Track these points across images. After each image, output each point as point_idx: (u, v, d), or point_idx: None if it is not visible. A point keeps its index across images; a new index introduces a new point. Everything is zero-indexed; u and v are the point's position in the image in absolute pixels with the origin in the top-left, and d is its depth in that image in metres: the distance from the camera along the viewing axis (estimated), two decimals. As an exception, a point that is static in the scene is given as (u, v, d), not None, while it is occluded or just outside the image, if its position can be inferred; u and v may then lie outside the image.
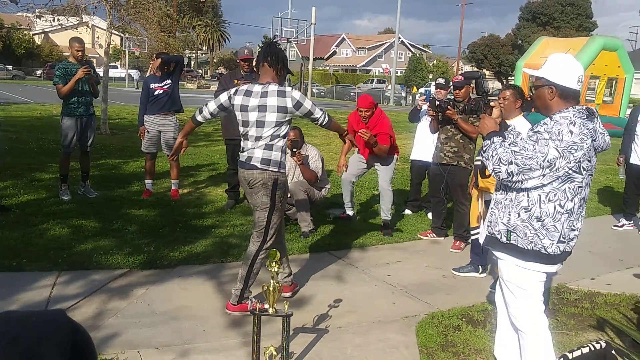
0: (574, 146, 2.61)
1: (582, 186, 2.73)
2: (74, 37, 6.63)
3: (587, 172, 2.72)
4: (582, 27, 60.10)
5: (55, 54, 50.20)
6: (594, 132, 2.68)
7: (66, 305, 3.96)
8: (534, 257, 2.78)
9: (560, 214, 2.71)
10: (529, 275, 2.85)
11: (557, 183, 2.68)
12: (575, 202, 2.73)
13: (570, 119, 2.66)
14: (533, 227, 2.74)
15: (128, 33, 23.11)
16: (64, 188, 6.73)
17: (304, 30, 41.99)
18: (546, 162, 2.61)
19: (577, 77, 2.77)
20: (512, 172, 2.66)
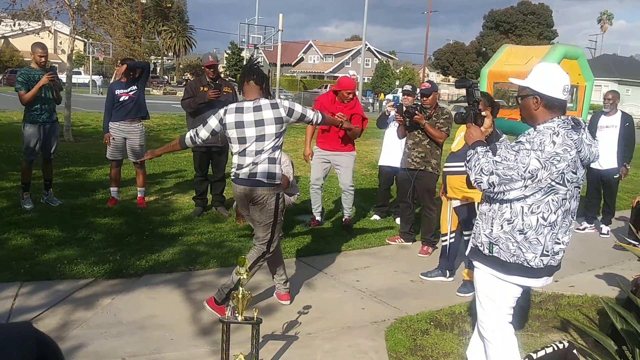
0: (557, 157, 2.55)
1: (567, 198, 2.66)
2: (36, 43, 6.50)
3: (572, 184, 2.65)
4: (543, 35, 61.67)
5: (16, 59, 49.01)
6: (579, 143, 2.60)
7: (29, 317, 3.86)
8: (517, 271, 2.73)
9: (543, 226, 2.66)
10: (507, 288, 2.80)
11: (540, 195, 2.63)
12: (559, 214, 2.67)
13: (554, 129, 2.60)
14: (515, 239, 2.70)
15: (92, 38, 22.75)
16: (26, 197, 6.57)
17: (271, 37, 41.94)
18: (527, 173, 2.56)
19: (562, 87, 2.71)
20: (494, 183, 2.62)
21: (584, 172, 2.75)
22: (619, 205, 7.99)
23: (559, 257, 2.76)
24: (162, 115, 20.60)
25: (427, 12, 53.63)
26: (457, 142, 4.92)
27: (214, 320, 3.90)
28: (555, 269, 2.79)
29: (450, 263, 5.12)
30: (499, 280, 2.78)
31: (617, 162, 7.06)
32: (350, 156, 6.50)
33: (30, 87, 6.23)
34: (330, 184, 7.35)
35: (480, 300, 2.91)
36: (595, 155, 2.71)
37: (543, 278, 2.76)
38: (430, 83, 6.10)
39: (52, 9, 12.93)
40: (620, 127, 7.05)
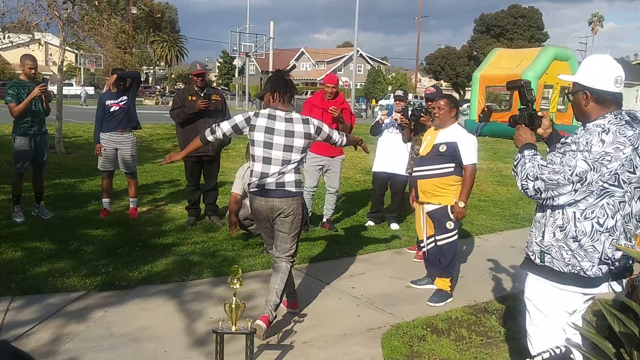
0: (607, 157, 2.36)
1: (625, 201, 2.46)
2: (25, 55, 6.46)
3: (630, 184, 2.44)
4: (534, 38, 62.04)
5: (7, 72, 48.88)
6: (634, 139, 2.40)
7: (20, 332, 3.81)
8: (573, 281, 2.56)
9: (599, 232, 2.46)
10: (560, 298, 2.62)
11: (593, 198, 2.44)
12: (618, 219, 2.47)
13: (603, 127, 2.41)
14: (569, 247, 2.52)
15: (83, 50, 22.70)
16: (17, 210, 6.52)
17: (263, 45, 42.06)
18: (575, 176, 2.38)
19: (614, 78, 2.50)
20: (540, 189, 2.45)
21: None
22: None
23: (620, 264, 2.55)
24: (154, 125, 20.55)
25: (418, 18, 53.91)
26: (425, 146, 4.91)
27: (208, 331, 3.86)
28: (620, 275, 2.61)
29: (437, 270, 5.07)
30: (553, 289, 2.62)
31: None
32: (341, 160, 6.78)
33: (21, 99, 6.19)
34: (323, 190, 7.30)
35: (530, 313, 2.77)
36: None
37: (599, 287, 2.60)
38: (435, 88, 6.20)
39: (42, 21, 12.89)
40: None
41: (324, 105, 6.40)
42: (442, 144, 4.68)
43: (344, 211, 7.92)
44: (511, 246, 6.68)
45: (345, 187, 9.74)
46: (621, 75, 2.51)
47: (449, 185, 4.68)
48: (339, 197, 7.50)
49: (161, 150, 13.92)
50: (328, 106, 6.27)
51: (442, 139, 4.71)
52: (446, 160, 4.66)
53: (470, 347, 3.88)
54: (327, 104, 6.37)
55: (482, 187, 10.65)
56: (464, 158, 4.61)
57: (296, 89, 4.14)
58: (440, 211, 4.71)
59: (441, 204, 4.68)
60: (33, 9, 12.39)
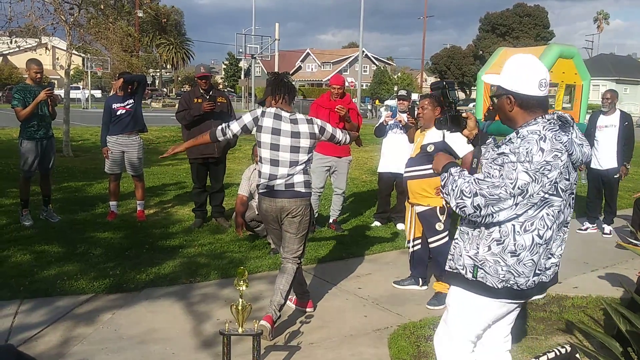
0: (547, 166, 2.20)
1: (561, 209, 2.33)
2: (31, 59, 6.51)
3: (566, 192, 2.32)
4: (540, 36, 61.81)
5: (15, 77, 49.14)
6: (569, 145, 2.26)
7: (29, 335, 3.83)
8: (506, 295, 2.38)
9: (538, 245, 2.32)
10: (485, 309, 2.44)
11: (533, 210, 2.27)
12: (554, 228, 2.34)
13: (539, 134, 2.24)
14: (506, 262, 2.32)
15: (89, 53, 22.82)
16: (25, 213, 6.56)
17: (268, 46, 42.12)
18: (517, 190, 2.20)
19: (538, 82, 2.35)
20: (479, 205, 2.24)
21: (577, 175, 2.40)
22: (620, 204, 7.95)
23: (550, 272, 2.44)
24: (161, 127, 20.64)
25: (423, 18, 53.84)
26: (414, 146, 4.89)
27: (215, 332, 3.87)
28: (548, 285, 2.47)
29: (421, 271, 5.05)
30: (480, 301, 2.42)
31: (617, 162, 7.04)
32: (348, 161, 6.82)
33: (27, 103, 6.23)
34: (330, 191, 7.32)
35: (448, 318, 2.59)
36: (587, 155, 2.36)
37: (531, 297, 2.48)
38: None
39: (49, 25, 12.97)
40: (620, 126, 7.03)
41: (330, 106, 6.45)
42: (430, 144, 4.64)
43: (350, 212, 7.93)
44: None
45: (352, 187, 9.74)
46: (545, 78, 2.37)
47: (437, 186, 4.63)
48: (345, 197, 7.50)
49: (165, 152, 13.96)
50: (335, 106, 6.31)
51: (429, 139, 4.67)
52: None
53: (477, 346, 3.86)
54: (334, 104, 6.40)
55: (489, 186, 10.61)
56: (458, 152, 4.56)
57: (296, 90, 4.14)
58: (428, 212, 4.67)
59: (430, 205, 4.65)
60: (40, 13, 12.52)
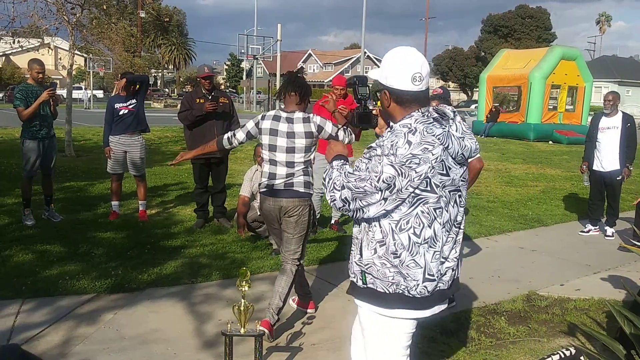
0: (414, 159, 2.08)
1: (442, 207, 2.18)
2: (33, 59, 6.51)
3: (444, 188, 2.17)
4: (542, 38, 61.79)
5: (17, 77, 49.28)
6: (444, 138, 2.13)
7: (31, 334, 3.83)
8: (399, 302, 2.21)
9: (417, 244, 2.16)
10: (394, 325, 2.28)
11: (406, 207, 2.14)
12: (436, 227, 2.18)
13: (410, 127, 2.14)
14: (392, 264, 2.18)
15: (92, 53, 22.85)
16: (27, 213, 6.56)
17: (270, 47, 42.15)
18: (382, 183, 2.09)
19: (411, 76, 2.20)
20: (347, 198, 2.15)
21: (465, 170, 2.26)
22: (622, 207, 7.94)
23: (447, 279, 2.27)
24: (163, 128, 20.65)
25: (425, 19, 53.80)
26: None
27: (217, 333, 3.87)
28: (448, 293, 2.31)
29: None
30: (382, 317, 2.27)
31: (619, 164, 7.02)
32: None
33: (29, 103, 6.24)
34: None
35: (369, 341, 2.40)
36: (469, 148, 2.24)
37: (433, 307, 2.27)
38: (442, 89, 6.16)
39: (51, 26, 12.99)
40: (622, 128, 7.01)
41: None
42: None
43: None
44: (520, 247, 6.66)
45: (353, 188, 9.72)
46: (420, 72, 2.21)
47: None
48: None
49: (170, 153, 13.98)
50: (337, 106, 6.30)
51: None
52: None
53: (479, 348, 3.86)
54: (337, 105, 6.38)
55: (491, 187, 10.62)
56: None
57: (309, 87, 4.11)
58: None
59: None
60: (42, 13, 12.50)
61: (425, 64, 2.23)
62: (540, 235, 7.35)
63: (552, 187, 11.08)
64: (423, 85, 2.22)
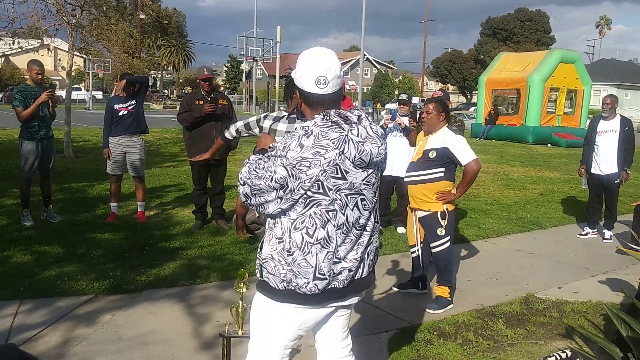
0: (304, 162, 2.11)
1: (336, 209, 2.18)
2: (32, 60, 6.52)
3: (338, 191, 2.17)
4: (541, 41, 61.92)
5: (17, 77, 49.22)
6: (340, 142, 2.14)
7: (29, 335, 3.84)
8: (290, 298, 2.25)
9: (309, 244, 2.19)
10: (278, 318, 2.32)
11: (301, 208, 2.18)
12: (330, 229, 2.19)
13: (307, 130, 2.17)
14: (286, 261, 2.22)
15: (91, 55, 22.85)
16: (25, 214, 6.56)
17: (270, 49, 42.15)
18: (274, 183, 2.13)
19: (314, 79, 2.23)
20: (247, 194, 2.22)
21: (370, 174, 2.27)
22: (621, 210, 7.96)
23: (343, 278, 2.27)
24: (162, 129, 20.66)
25: (425, 21, 53.90)
26: (416, 151, 4.89)
27: (215, 334, 3.87)
28: (344, 292, 2.31)
29: (422, 275, 5.05)
30: (269, 306, 2.31)
31: (617, 167, 7.04)
32: None
33: (28, 104, 6.24)
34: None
35: (252, 330, 2.46)
36: (369, 153, 2.21)
37: (327, 304, 2.31)
38: (442, 92, 6.16)
39: (51, 27, 13.00)
40: (620, 131, 7.03)
41: None
42: (432, 149, 4.63)
43: (351, 215, 7.92)
44: (518, 250, 6.67)
45: (352, 190, 9.72)
46: (325, 76, 2.22)
47: (438, 191, 4.63)
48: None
49: (169, 155, 13.98)
50: None
51: (431, 144, 4.67)
52: (435, 165, 4.62)
53: (477, 351, 3.87)
54: None
55: (489, 190, 10.63)
56: (461, 159, 4.56)
57: None
58: (430, 218, 4.67)
59: (431, 210, 4.64)
60: (42, 14, 12.51)
61: (333, 68, 2.24)
62: (539, 238, 7.37)
63: (550, 190, 11.10)
64: (329, 89, 2.24)
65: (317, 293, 2.23)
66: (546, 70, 22.23)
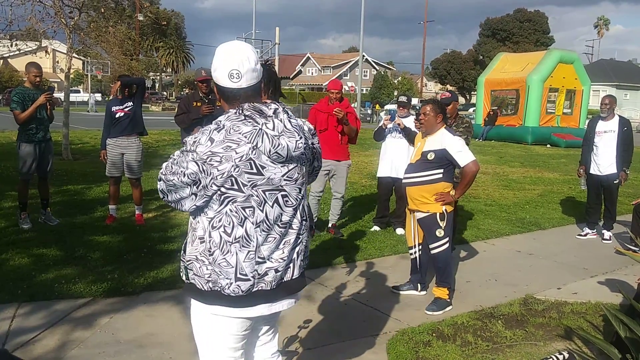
0: (215, 157, 2.05)
1: (253, 206, 2.12)
2: (30, 63, 6.51)
3: (254, 187, 2.11)
4: (540, 42, 61.93)
5: (15, 80, 49.22)
6: (252, 136, 2.07)
7: (27, 338, 3.82)
8: (217, 299, 2.18)
9: (228, 243, 2.12)
10: (215, 322, 2.24)
11: (217, 205, 2.12)
12: (248, 227, 2.12)
13: (219, 124, 2.11)
14: (208, 261, 2.16)
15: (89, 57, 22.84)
16: (23, 216, 6.55)
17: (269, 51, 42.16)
18: (187, 178, 2.08)
19: (227, 72, 2.17)
20: (163, 190, 2.18)
21: (292, 169, 2.20)
22: (620, 210, 7.95)
23: (270, 279, 2.19)
24: (161, 131, 20.64)
25: (424, 22, 53.94)
26: (415, 152, 4.88)
27: (213, 337, 3.85)
28: (273, 293, 2.22)
29: (420, 276, 5.04)
30: (201, 309, 2.25)
31: (616, 167, 7.03)
32: (347, 165, 6.81)
33: (26, 106, 6.23)
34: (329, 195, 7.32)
35: (196, 337, 2.38)
36: (285, 147, 2.13)
37: (256, 307, 2.21)
38: (450, 92, 6.13)
39: (49, 29, 12.98)
40: (619, 131, 7.02)
41: (329, 110, 6.50)
42: (430, 151, 4.62)
43: (350, 216, 7.92)
44: (517, 251, 6.66)
45: (351, 192, 9.73)
46: (238, 69, 2.15)
47: (437, 192, 4.62)
48: (345, 202, 7.49)
49: (167, 157, 13.95)
50: (332, 109, 6.36)
51: (429, 146, 4.65)
52: (434, 167, 4.61)
53: (476, 352, 3.86)
54: (332, 108, 6.45)
55: (489, 191, 10.62)
56: (459, 161, 4.54)
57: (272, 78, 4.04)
58: (428, 219, 4.65)
59: (429, 211, 4.63)
60: (40, 16, 12.51)
61: (247, 61, 2.17)
62: (538, 238, 7.35)
63: (549, 190, 11.09)
64: (243, 82, 2.17)
65: (241, 295, 2.16)
66: (545, 70, 22.25)
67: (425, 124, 4.73)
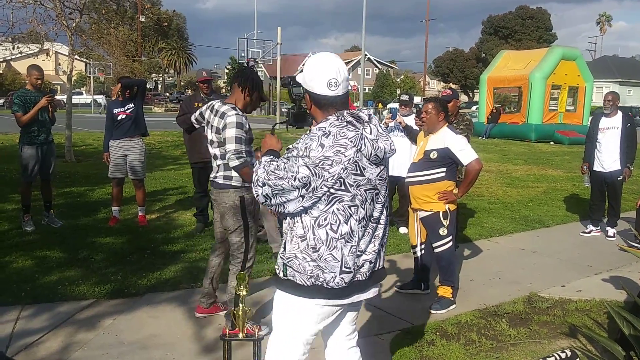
0: (326, 161, 2.22)
1: (357, 204, 2.30)
2: (32, 65, 6.53)
3: (359, 187, 2.30)
4: (542, 39, 61.80)
5: (18, 82, 49.27)
6: (357, 140, 2.27)
7: (30, 340, 3.83)
8: (317, 293, 2.34)
9: (334, 240, 2.30)
10: (304, 312, 2.40)
11: (324, 205, 2.29)
12: (352, 224, 2.31)
13: (324, 130, 2.28)
14: (311, 258, 2.31)
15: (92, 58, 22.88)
16: (26, 219, 6.56)
17: (270, 51, 42.15)
18: (298, 182, 2.23)
19: (327, 82, 2.34)
20: (268, 195, 2.29)
21: (382, 170, 2.38)
22: (624, 207, 7.92)
23: (365, 270, 2.40)
24: (163, 132, 20.67)
25: (426, 21, 53.84)
26: (417, 151, 4.87)
27: (216, 337, 3.86)
28: (368, 283, 2.44)
29: (424, 275, 5.03)
30: (295, 303, 2.39)
31: (620, 164, 7.00)
32: None
33: (27, 109, 6.25)
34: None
35: (275, 327, 2.52)
36: (383, 149, 2.34)
37: (352, 297, 2.40)
38: (451, 90, 6.10)
39: (51, 31, 13.01)
40: (622, 128, 7.00)
41: None
42: (433, 150, 4.60)
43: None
44: (521, 248, 6.64)
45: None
46: (336, 78, 2.34)
47: (439, 191, 4.60)
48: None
49: (170, 158, 13.98)
50: None
51: (432, 145, 4.64)
52: (437, 165, 4.59)
53: (480, 351, 3.85)
54: None
55: (492, 189, 10.60)
56: (462, 160, 4.53)
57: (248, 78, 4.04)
58: (432, 218, 4.64)
59: (432, 210, 4.62)
60: (42, 19, 12.54)
61: (342, 71, 2.36)
62: (542, 236, 7.33)
63: (553, 188, 11.06)
64: (339, 91, 2.36)
65: (343, 286, 2.33)
66: (548, 67, 22.18)
67: (427, 122, 4.72)
